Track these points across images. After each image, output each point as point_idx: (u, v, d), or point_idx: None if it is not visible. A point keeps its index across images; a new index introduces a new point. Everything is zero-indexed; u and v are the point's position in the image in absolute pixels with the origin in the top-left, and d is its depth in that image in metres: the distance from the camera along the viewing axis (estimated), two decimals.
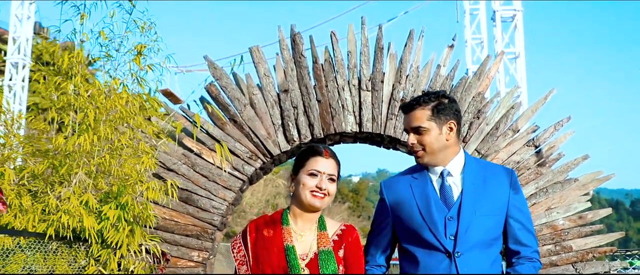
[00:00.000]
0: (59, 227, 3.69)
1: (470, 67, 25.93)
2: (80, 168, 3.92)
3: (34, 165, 4.02)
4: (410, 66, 5.49)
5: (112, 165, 4.11)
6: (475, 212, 2.75)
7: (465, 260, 2.69)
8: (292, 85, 5.38)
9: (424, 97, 2.87)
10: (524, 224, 2.84)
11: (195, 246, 5.07)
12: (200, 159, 5.20)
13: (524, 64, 22.72)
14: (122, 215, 3.94)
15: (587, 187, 5.43)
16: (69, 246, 3.94)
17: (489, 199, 2.79)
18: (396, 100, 5.38)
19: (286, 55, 5.44)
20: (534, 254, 2.84)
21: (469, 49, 25.83)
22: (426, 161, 2.84)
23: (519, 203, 2.85)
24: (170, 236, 5.00)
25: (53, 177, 4.02)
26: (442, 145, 2.82)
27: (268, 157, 5.29)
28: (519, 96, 15.44)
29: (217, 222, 5.13)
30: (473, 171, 2.84)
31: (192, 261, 5.05)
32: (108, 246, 4.00)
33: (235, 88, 5.37)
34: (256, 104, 5.34)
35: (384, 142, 5.57)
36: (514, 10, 22.84)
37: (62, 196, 3.81)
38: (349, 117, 5.35)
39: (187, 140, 5.18)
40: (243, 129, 5.29)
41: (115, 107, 4.12)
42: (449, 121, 2.83)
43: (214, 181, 5.18)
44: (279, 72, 5.42)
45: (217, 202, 5.15)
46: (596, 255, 5.24)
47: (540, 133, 5.42)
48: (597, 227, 5.33)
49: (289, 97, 5.36)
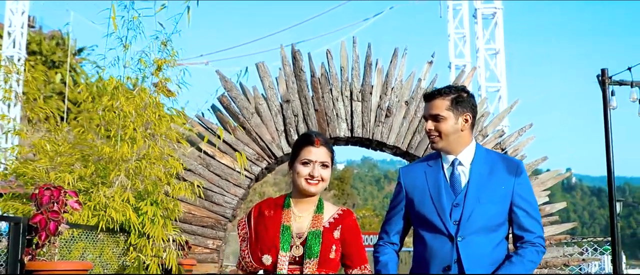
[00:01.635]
0: (107, 221, 4.49)
1: (453, 61, 26.85)
2: (121, 172, 4.73)
3: (80, 168, 4.82)
4: (395, 79, 6.34)
5: (146, 168, 4.91)
6: (479, 200, 2.91)
7: (466, 244, 2.86)
8: (293, 96, 6.21)
9: (446, 88, 3.05)
10: (528, 211, 2.97)
11: (210, 235, 5.91)
12: (214, 160, 6.02)
13: (503, 60, 23.68)
14: (157, 211, 4.76)
15: (546, 184, 6.32)
16: (112, 236, 4.75)
17: (493, 187, 2.94)
18: (383, 110, 6.23)
19: (288, 70, 6.26)
20: (538, 239, 2.96)
21: (451, 43, 26.71)
22: (440, 147, 3.02)
23: (523, 192, 2.98)
24: (188, 227, 5.82)
25: (98, 179, 4.82)
26: (457, 134, 2.99)
27: (272, 158, 6.13)
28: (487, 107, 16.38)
29: (229, 214, 5.97)
30: (482, 161, 3.00)
31: (207, 248, 5.89)
32: (144, 236, 4.81)
33: (244, 98, 6.19)
34: (262, 113, 6.16)
35: (372, 145, 6.42)
36: (495, 8, 23.71)
37: (108, 195, 4.62)
38: (342, 124, 6.20)
39: (202, 144, 6.00)
40: (251, 134, 6.12)
41: (149, 120, 4.92)
42: (466, 113, 3.01)
43: (226, 179, 6.01)
44: (281, 85, 6.24)
45: (229, 198, 5.99)
46: (553, 242, 6.14)
47: (506, 137, 6.30)
48: (554, 218, 6.22)
49: (290, 106, 6.19)
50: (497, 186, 2.94)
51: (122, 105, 4.66)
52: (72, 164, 4.83)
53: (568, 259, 6.29)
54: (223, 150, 6.03)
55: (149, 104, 4.89)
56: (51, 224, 3.41)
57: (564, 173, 6.48)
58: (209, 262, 5.85)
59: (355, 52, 6.34)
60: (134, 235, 4.82)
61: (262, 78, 6.25)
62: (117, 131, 4.70)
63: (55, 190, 3.52)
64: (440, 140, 3.00)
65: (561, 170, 6.54)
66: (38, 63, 30.40)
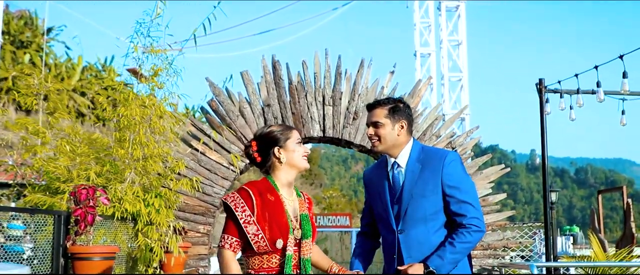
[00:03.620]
0: (122, 211, 5.39)
1: (418, 49, 28.00)
2: (131, 169, 5.63)
3: (95, 166, 5.69)
4: (361, 86, 7.31)
5: (151, 165, 5.82)
6: (413, 195, 3.29)
7: (406, 236, 3.29)
8: (273, 101, 7.15)
9: (385, 100, 3.48)
10: (456, 196, 3.27)
11: (201, 222, 6.85)
12: (204, 156, 6.95)
13: (466, 51, 24.89)
14: (161, 202, 5.69)
15: (490, 178, 7.38)
16: (123, 223, 5.66)
17: (424, 182, 3.30)
18: (351, 113, 7.21)
19: (268, 78, 7.20)
20: (472, 220, 3.24)
21: (417, 32, 27.82)
22: (380, 150, 3.43)
23: (450, 180, 3.28)
24: (182, 214, 6.75)
25: (111, 175, 5.71)
26: (394, 138, 3.40)
27: None
28: (441, 109, 17.52)
29: (217, 203, 6.90)
30: (414, 161, 3.38)
31: (199, 232, 6.83)
32: (150, 223, 5.73)
33: (230, 102, 7.11)
34: (246, 115, 7.09)
35: (342, 143, 7.41)
36: (458, 1, 24.84)
37: (120, 190, 5.52)
38: (316, 126, 7.17)
39: (194, 142, 6.92)
40: (236, 133, 7.05)
41: (156, 125, 5.82)
42: (401, 120, 3.42)
43: (215, 173, 6.94)
44: (263, 91, 7.18)
45: (217, 189, 6.93)
46: (494, 227, 7.22)
47: (455, 138, 7.35)
48: (496, 207, 7.30)
49: (270, 110, 7.13)
50: (427, 180, 3.30)
51: (135, 114, 5.53)
52: (88, 163, 5.72)
53: (507, 242, 7.41)
54: (212, 148, 6.95)
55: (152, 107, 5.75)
56: (89, 217, 4.32)
57: (506, 168, 7.53)
58: (201, 245, 6.80)
59: (327, 62, 7.29)
60: (141, 223, 5.74)
61: (246, 85, 7.17)
62: (129, 136, 5.58)
63: (90, 189, 4.42)
64: (379, 144, 3.41)
65: (503, 166, 7.61)
66: (6, 43, 30.54)
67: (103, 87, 26.86)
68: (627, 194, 14.49)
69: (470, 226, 3.24)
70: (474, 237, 3.25)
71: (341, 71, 7.30)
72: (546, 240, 7.60)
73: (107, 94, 6.60)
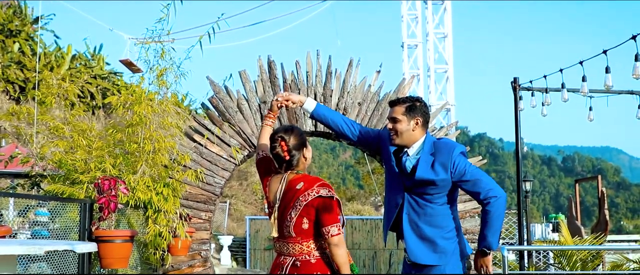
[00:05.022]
0: (135, 200, 6.00)
1: (406, 41, 28.63)
2: (143, 162, 6.24)
3: (109, 159, 6.29)
4: (350, 85, 7.93)
5: (159, 158, 6.43)
6: (422, 176, 3.81)
7: (411, 195, 3.89)
8: (268, 98, 7.76)
9: (403, 98, 3.94)
10: (470, 180, 3.76)
11: (203, 209, 7.47)
12: (206, 149, 7.56)
13: (451, 43, 25.53)
14: (169, 191, 6.31)
15: None
16: (135, 210, 6.27)
17: (433, 168, 3.80)
18: (340, 109, 7.84)
19: (264, 77, 7.81)
20: (488, 192, 3.72)
21: (404, 24, 28.46)
22: (397, 142, 3.91)
23: (461, 170, 3.77)
24: (186, 202, 7.37)
25: (124, 167, 6.31)
26: (410, 133, 3.86)
27: (252, 148, 7.69)
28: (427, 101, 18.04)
29: (218, 192, 7.53)
30: (427, 151, 3.85)
31: (201, 219, 7.46)
32: (159, 210, 6.34)
33: (229, 99, 7.71)
34: (244, 111, 7.70)
35: (332, 137, 8.04)
36: None
37: (133, 180, 6.12)
38: (308, 121, 7.79)
39: (196, 136, 7.52)
40: (235, 128, 7.66)
41: (164, 122, 6.42)
42: (416, 117, 3.87)
43: (216, 164, 7.56)
44: (259, 88, 7.78)
45: (217, 179, 7.55)
46: (471, 214, 7.89)
47: (436, 132, 8.00)
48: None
49: (267, 106, 7.74)
50: (433, 168, 3.80)
51: (147, 112, 6.13)
52: (102, 156, 6.31)
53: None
54: (213, 142, 7.57)
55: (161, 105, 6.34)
56: (111, 204, 4.93)
57: (483, 160, 8.19)
58: (203, 230, 7.43)
59: (319, 62, 7.90)
60: (151, 210, 6.35)
61: (244, 83, 7.78)
62: (140, 131, 6.18)
63: (112, 180, 5.02)
64: (396, 138, 3.89)
65: (479, 157, 8.27)
66: None
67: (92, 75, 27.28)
68: (602, 183, 15.26)
69: (489, 198, 3.74)
70: (498, 203, 3.75)
71: (331, 70, 7.92)
72: (519, 226, 8.30)
73: (97, 82, 7.14)
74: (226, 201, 23.69)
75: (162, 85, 6.79)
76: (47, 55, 35.87)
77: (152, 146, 6.27)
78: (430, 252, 3.87)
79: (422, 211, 3.87)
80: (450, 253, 3.90)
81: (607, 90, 8.11)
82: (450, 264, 3.88)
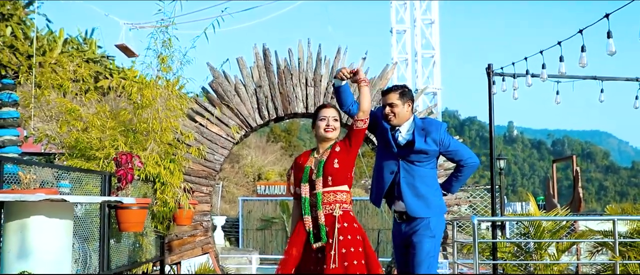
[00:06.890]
0: (146, 174, 6.72)
1: (394, 26, 29.32)
2: (151, 140, 6.96)
3: (121, 137, 7.00)
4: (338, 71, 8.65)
5: (165, 136, 7.15)
6: (411, 149, 4.51)
7: (403, 163, 4.56)
8: (263, 82, 8.49)
9: (395, 86, 4.66)
10: (453, 150, 4.55)
11: (204, 184, 8.21)
12: (206, 129, 8.28)
13: (438, 29, 26.26)
14: (175, 166, 7.04)
15: None
16: (144, 183, 7.01)
17: (421, 142, 4.49)
18: (329, 93, 8.57)
19: (260, 63, 8.52)
20: (467, 159, 4.58)
21: (393, 10, 29.12)
22: (394, 123, 4.56)
23: (446, 144, 4.52)
24: (189, 177, 8.10)
25: (134, 144, 7.03)
26: (404, 114, 4.56)
27: (249, 128, 8.43)
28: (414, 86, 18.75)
29: (218, 168, 8.27)
30: (418, 128, 4.53)
31: (202, 192, 8.20)
32: (165, 184, 7.07)
33: (227, 83, 8.43)
34: (241, 94, 8.43)
35: None
36: None
37: (144, 156, 6.84)
38: (300, 104, 8.52)
39: (197, 117, 8.24)
40: (233, 110, 8.38)
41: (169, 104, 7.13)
42: (408, 101, 4.58)
43: (215, 143, 8.29)
44: (255, 74, 8.50)
45: (217, 156, 8.28)
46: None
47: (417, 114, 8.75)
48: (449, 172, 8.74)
49: (262, 90, 8.47)
50: (426, 142, 4.51)
51: (155, 95, 6.84)
52: (115, 135, 7.03)
53: (459, 200, 8.88)
54: (213, 122, 8.29)
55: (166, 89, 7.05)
56: (129, 176, 5.66)
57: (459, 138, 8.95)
58: (204, 203, 8.19)
59: (309, 50, 8.63)
60: (158, 183, 7.09)
61: (241, 69, 8.49)
62: (149, 112, 6.90)
63: (128, 155, 5.74)
64: (394, 119, 4.56)
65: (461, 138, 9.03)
66: None
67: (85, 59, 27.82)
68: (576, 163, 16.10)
69: (467, 163, 4.63)
70: (472, 168, 4.67)
71: (321, 57, 8.64)
72: (492, 200, 9.09)
73: (89, 67, 7.73)
74: (219, 183, 24.39)
75: (166, 71, 7.46)
76: (40, 39, 36.35)
77: (159, 126, 6.99)
78: (425, 207, 4.53)
79: (416, 174, 4.56)
80: (438, 209, 4.60)
81: (562, 76, 8.88)
82: (434, 217, 4.56)
